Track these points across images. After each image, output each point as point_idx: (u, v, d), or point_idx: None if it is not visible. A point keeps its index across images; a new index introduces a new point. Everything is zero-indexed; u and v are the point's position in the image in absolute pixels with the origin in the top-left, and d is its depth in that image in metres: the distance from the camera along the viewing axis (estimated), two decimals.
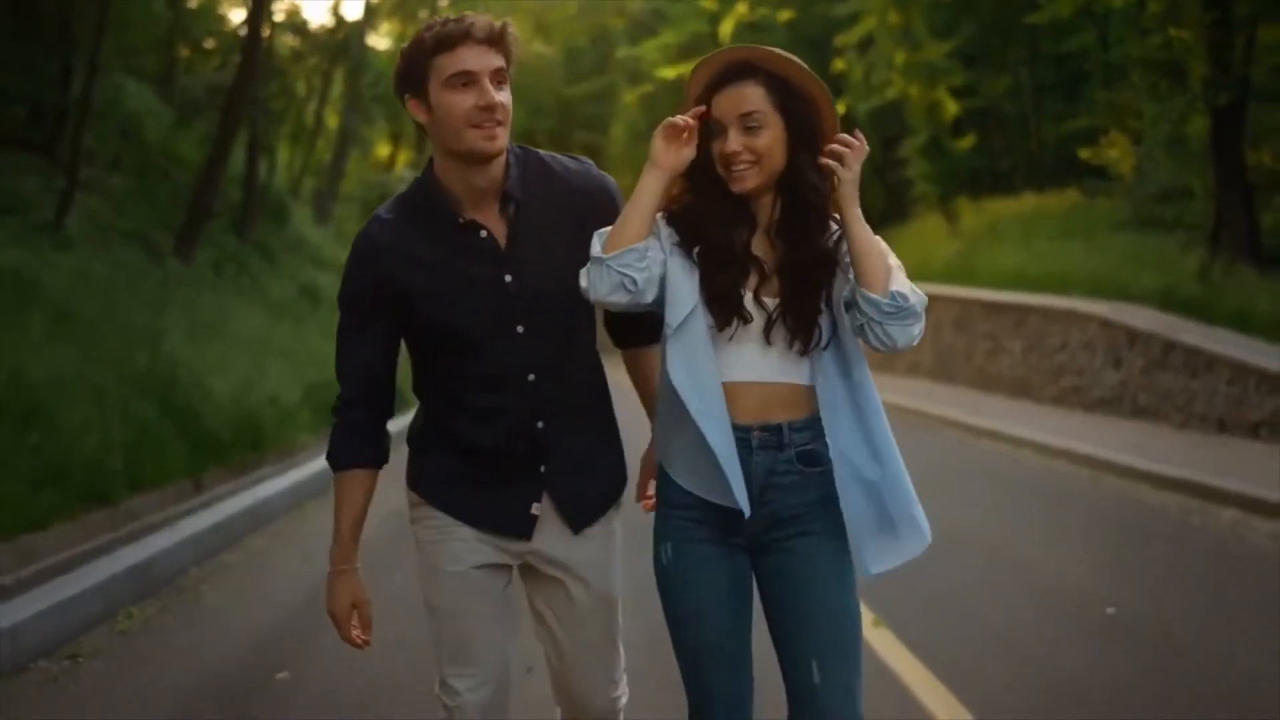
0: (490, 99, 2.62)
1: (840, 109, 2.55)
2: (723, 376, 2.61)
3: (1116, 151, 25.11)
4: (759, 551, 2.68)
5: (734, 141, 2.59)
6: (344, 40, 27.20)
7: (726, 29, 38.87)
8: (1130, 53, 19.88)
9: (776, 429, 2.63)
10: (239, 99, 17.42)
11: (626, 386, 3.01)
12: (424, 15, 37.71)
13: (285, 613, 6.24)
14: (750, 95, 2.60)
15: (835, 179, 2.56)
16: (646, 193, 2.58)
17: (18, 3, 15.69)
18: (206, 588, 6.75)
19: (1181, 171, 20.41)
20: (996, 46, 33.59)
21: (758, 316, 2.62)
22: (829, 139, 2.61)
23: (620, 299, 2.58)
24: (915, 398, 17.70)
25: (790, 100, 2.61)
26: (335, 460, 2.86)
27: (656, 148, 2.60)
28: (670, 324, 2.60)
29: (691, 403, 2.56)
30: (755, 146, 2.59)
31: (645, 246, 2.57)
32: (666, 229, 2.66)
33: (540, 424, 2.76)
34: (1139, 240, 20.53)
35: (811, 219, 2.64)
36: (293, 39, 26.79)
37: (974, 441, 13.76)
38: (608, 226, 2.63)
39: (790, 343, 2.63)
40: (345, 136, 30.25)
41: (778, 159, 2.62)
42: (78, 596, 5.70)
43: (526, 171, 2.77)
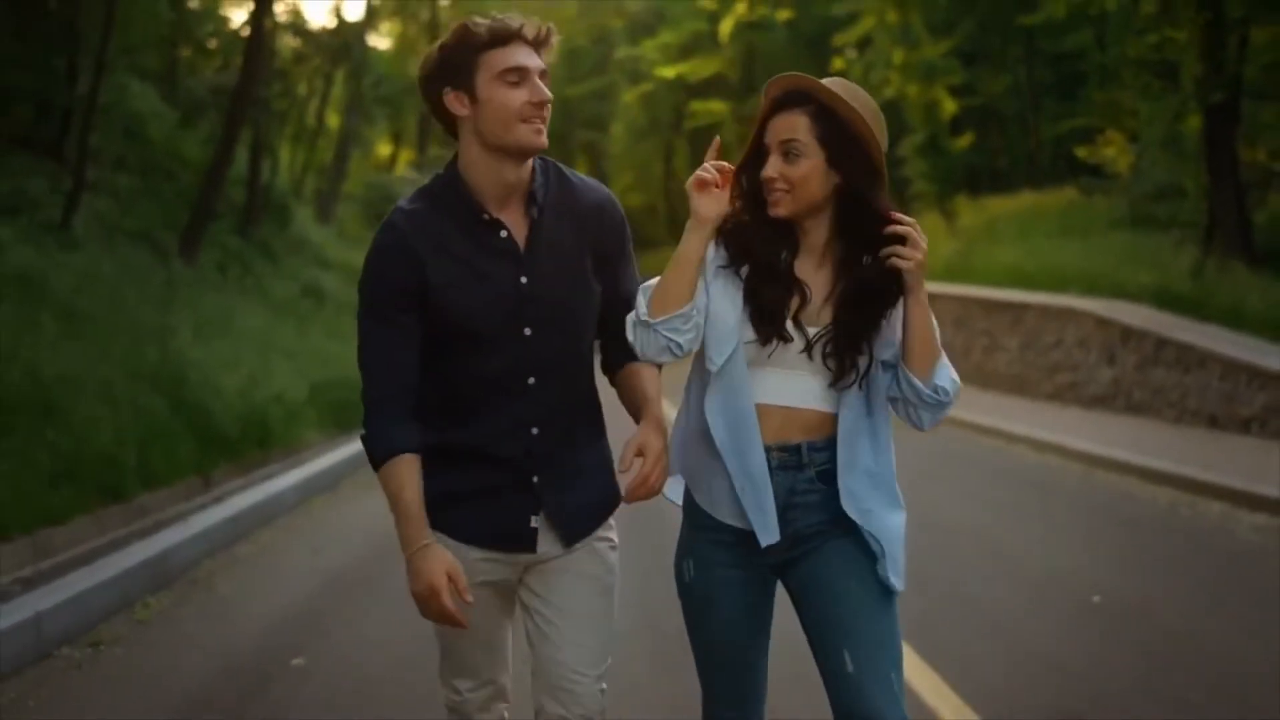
0: (544, 95, 2.67)
1: None
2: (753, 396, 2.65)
3: (1113, 150, 25.25)
4: (786, 568, 2.73)
5: (771, 167, 2.63)
6: (345, 41, 27.31)
7: (725, 28, 39.05)
8: (1127, 52, 20.02)
9: (795, 449, 2.67)
10: (243, 100, 17.57)
11: (615, 405, 2.98)
12: (425, 17, 37.95)
13: (298, 602, 6.43)
14: (794, 123, 2.62)
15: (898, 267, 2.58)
16: (692, 252, 2.61)
17: (23, 1, 15.75)
18: (220, 579, 6.94)
19: (1176, 170, 20.57)
20: (995, 46, 33.75)
21: (796, 339, 2.64)
22: (879, 173, 2.63)
23: (665, 360, 2.66)
24: None
25: (833, 134, 2.61)
26: (385, 449, 2.72)
27: (695, 204, 2.61)
28: (714, 361, 2.64)
29: (724, 441, 2.61)
30: (790, 174, 2.61)
31: (691, 309, 2.61)
32: (714, 250, 2.68)
33: (535, 430, 2.76)
34: (1135, 238, 20.70)
35: (873, 248, 2.64)
36: (294, 40, 26.90)
37: (970, 437, 13.94)
38: (613, 240, 2.77)
39: (825, 372, 2.66)
40: (347, 137, 30.38)
41: (813, 189, 2.62)
42: (97, 587, 5.89)
43: (548, 178, 2.80)
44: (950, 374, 2.67)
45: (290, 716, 4.60)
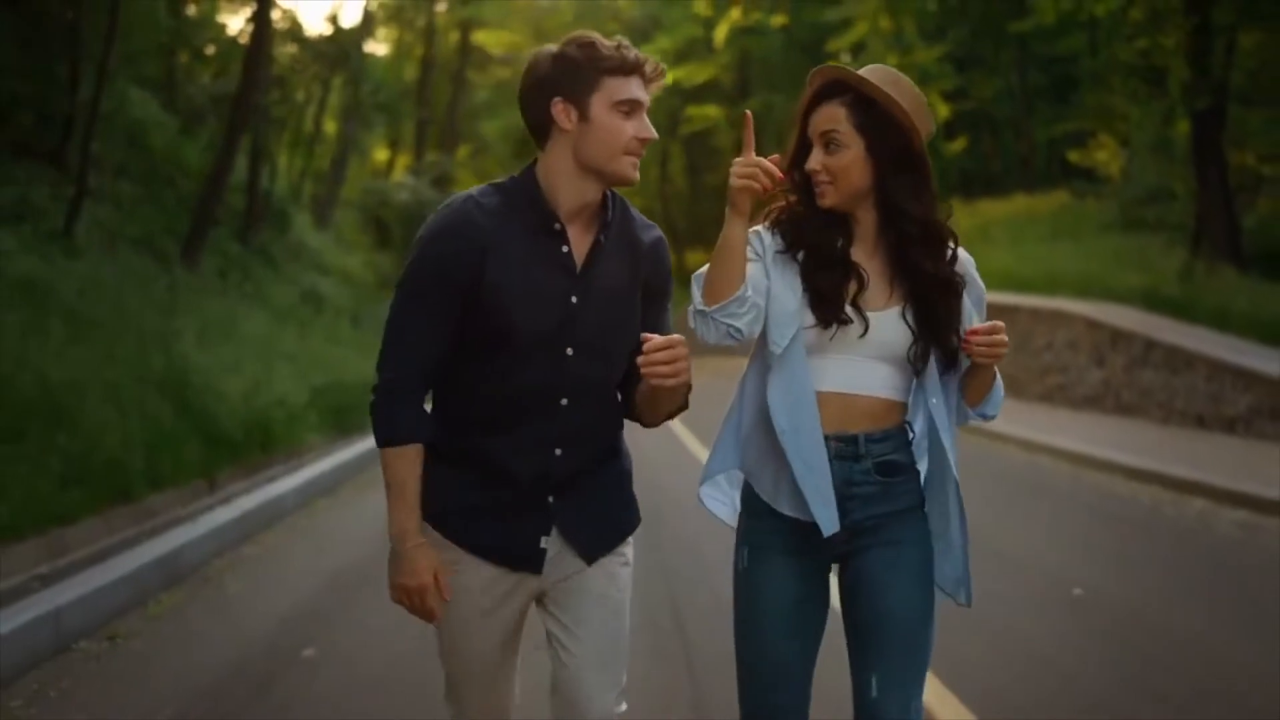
0: (652, 133, 2.68)
1: None
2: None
3: (1104, 154, 25.46)
4: (844, 561, 2.72)
5: (814, 159, 2.65)
6: (343, 48, 27.48)
7: (720, 34, 39.24)
8: (1118, 55, 20.23)
9: (852, 439, 2.66)
10: (243, 107, 17.75)
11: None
12: (421, 23, 38.15)
13: (305, 598, 6.64)
14: (834, 115, 2.64)
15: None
16: (735, 240, 2.56)
17: (25, 9, 15.88)
18: (228, 577, 7.15)
19: (1166, 173, 20.79)
20: (988, 50, 33.94)
21: (856, 323, 2.64)
22: (919, 161, 2.65)
23: (728, 343, 2.62)
24: None
25: (872, 123, 2.62)
26: (395, 434, 2.70)
27: (735, 197, 2.54)
28: (777, 344, 2.62)
29: (784, 427, 2.60)
30: (831, 166, 2.63)
31: (744, 291, 2.58)
32: (770, 237, 2.69)
33: (558, 451, 2.73)
34: (1125, 241, 20.91)
35: (914, 248, 2.66)
36: (292, 47, 27.06)
37: (961, 437, 14.11)
38: (661, 280, 2.79)
39: (884, 360, 2.66)
40: (346, 143, 30.52)
41: (855, 179, 2.63)
42: (111, 584, 6.09)
43: (618, 209, 2.80)
44: (1000, 398, 2.77)
45: (302, 705, 4.80)
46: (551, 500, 2.75)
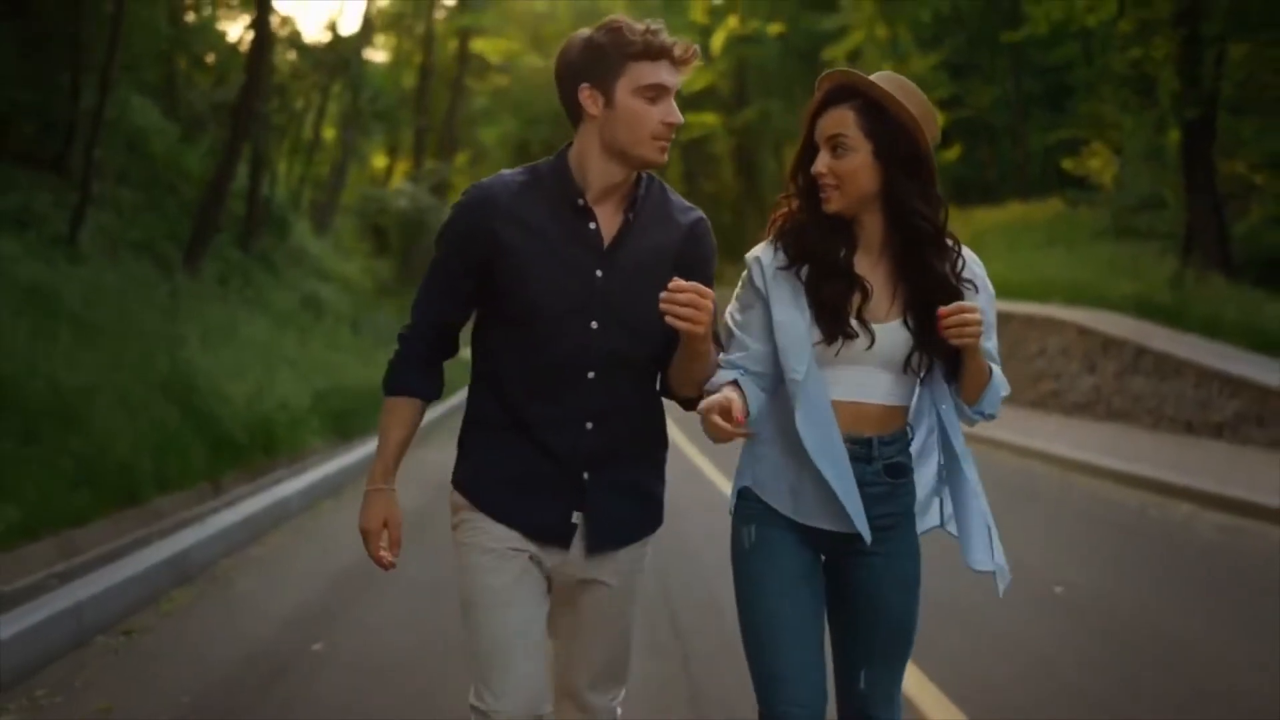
0: (678, 117, 2.71)
1: None
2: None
3: (1098, 162, 25.60)
4: (837, 557, 2.76)
5: (820, 163, 2.66)
6: (343, 56, 27.67)
7: (718, 42, 39.56)
8: (1111, 65, 20.43)
9: (866, 442, 2.69)
10: (245, 115, 17.95)
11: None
12: (420, 30, 38.36)
13: (312, 596, 6.83)
14: (841, 119, 2.65)
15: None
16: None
17: (28, 18, 16.03)
18: (237, 576, 7.33)
19: (1158, 182, 20.98)
20: (983, 58, 34.13)
21: (862, 336, 2.66)
22: (927, 167, 2.67)
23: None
24: None
25: (881, 126, 2.64)
26: (391, 385, 2.88)
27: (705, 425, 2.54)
28: (796, 370, 2.64)
29: (818, 452, 2.62)
30: (838, 169, 2.64)
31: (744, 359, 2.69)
32: (771, 255, 2.72)
33: (589, 425, 2.77)
34: (1117, 248, 21.08)
35: (926, 249, 2.68)
36: (292, 54, 27.26)
37: None
38: (699, 262, 2.81)
39: (891, 367, 2.70)
40: (346, 151, 30.70)
41: (862, 183, 2.65)
42: (125, 582, 6.28)
43: (652, 190, 2.85)
44: (999, 396, 2.78)
45: (314, 694, 4.99)
46: (586, 476, 2.79)
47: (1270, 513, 8.82)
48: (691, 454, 12.64)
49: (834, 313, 2.65)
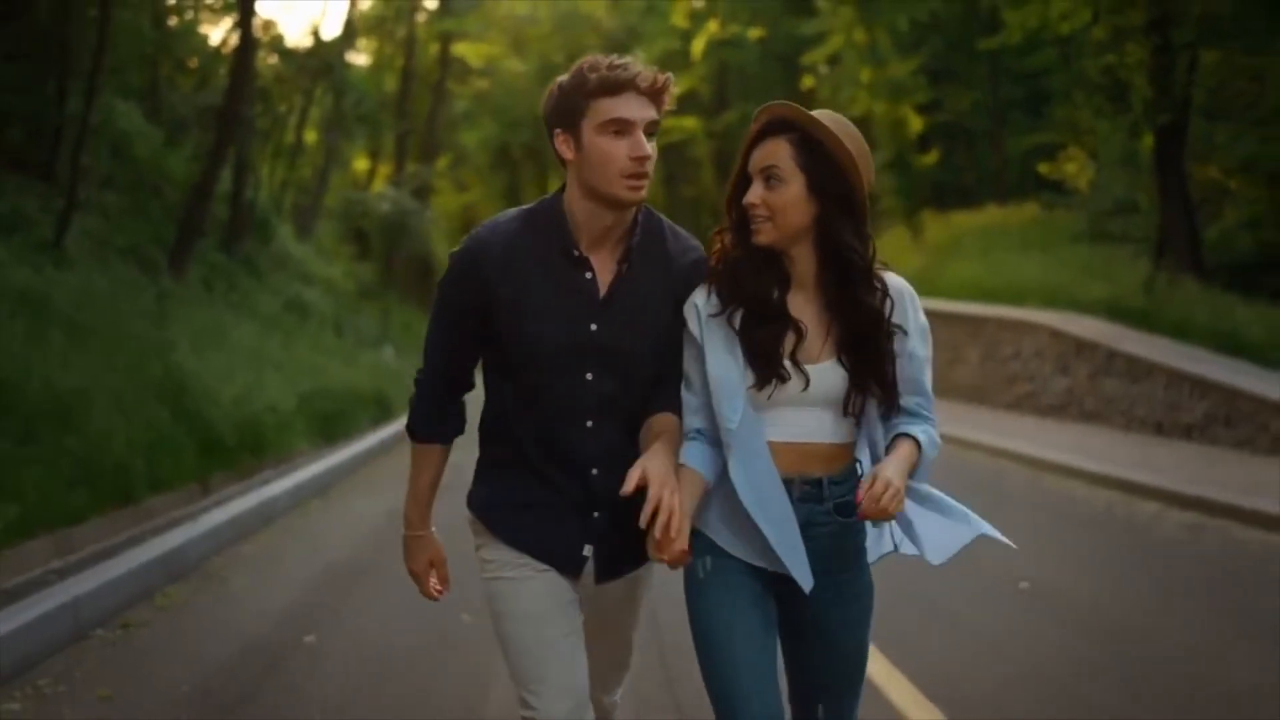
0: (644, 150, 2.64)
1: None
2: (767, 435, 2.66)
3: (1074, 166, 25.81)
4: (787, 594, 2.72)
5: (753, 193, 2.64)
6: (326, 61, 27.79)
7: (698, 46, 39.76)
8: (1085, 71, 20.66)
9: (817, 482, 2.69)
10: (230, 120, 18.09)
11: None
12: (401, 34, 38.51)
13: (303, 591, 7.05)
14: (775, 150, 2.63)
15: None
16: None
17: (14, 24, 16.10)
18: (230, 573, 7.55)
19: (1132, 187, 21.22)
20: (961, 64, 34.36)
21: (795, 378, 2.64)
22: (860, 206, 2.65)
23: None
24: None
25: (815, 162, 2.61)
26: (416, 434, 2.92)
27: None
28: (730, 419, 2.63)
29: (753, 505, 2.62)
30: (770, 201, 2.62)
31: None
32: (705, 300, 2.70)
33: (594, 471, 2.77)
34: (1092, 252, 21.30)
35: (859, 285, 2.65)
36: (273, 57, 27.34)
37: None
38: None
39: (831, 406, 2.68)
40: (328, 154, 30.80)
41: (794, 216, 2.62)
42: (121, 578, 6.50)
43: (648, 232, 2.80)
44: (929, 467, 2.77)
45: (308, 682, 5.22)
46: (596, 515, 2.80)
47: (1230, 510, 9.09)
48: None
49: (767, 357, 2.63)
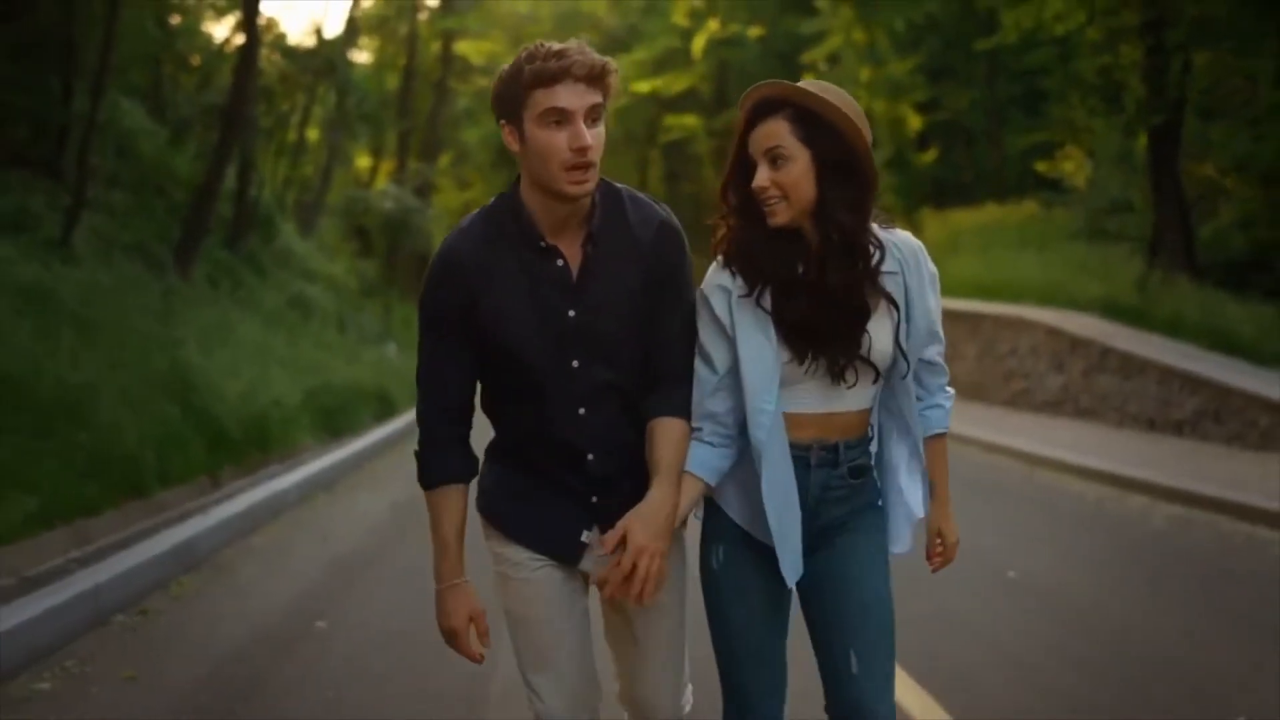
0: (583, 140, 2.57)
1: None
2: (787, 406, 2.68)
3: (1071, 165, 26.00)
4: (807, 557, 2.74)
5: (761, 176, 2.63)
6: (329, 60, 27.97)
7: (698, 44, 39.95)
8: (1080, 71, 20.84)
9: (834, 448, 2.73)
10: (234, 119, 18.27)
11: None
12: (404, 32, 38.68)
13: (313, 580, 7.27)
14: (775, 130, 2.62)
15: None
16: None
17: (20, 22, 16.25)
18: (240, 564, 7.76)
19: (1127, 186, 21.41)
20: (959, 63, 34.55)
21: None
22: (864, 172, 2.65)
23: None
24: None
25: (816, 133, 2.61)
26: (429, 479, 2.80)
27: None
28: (766, 402, 2.65)
29: (773, 513, 2.67)
30: (781, 181, 2.62)
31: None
32: (731, 279, 2.70)
33: (590, 457, 2.75)
34: (1089, 250, 21.45)
35: (850, 253, 2.66)
36: (276, 56, 27.51)
37: None
38: (666, 265, 2.74)
39: (844, 375, 2.69)
40: (332, 153, 30.98)
41: (807, 192, 2.62)
42: (139, 567, 6.71)
43: (608, 210, 2.75)
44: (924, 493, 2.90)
45: (321, 664, 5.44)
46: (595, 500, 2.78)
47: (1219, 504, 9.30)
48: None
49: (808, 333, 2.64)
